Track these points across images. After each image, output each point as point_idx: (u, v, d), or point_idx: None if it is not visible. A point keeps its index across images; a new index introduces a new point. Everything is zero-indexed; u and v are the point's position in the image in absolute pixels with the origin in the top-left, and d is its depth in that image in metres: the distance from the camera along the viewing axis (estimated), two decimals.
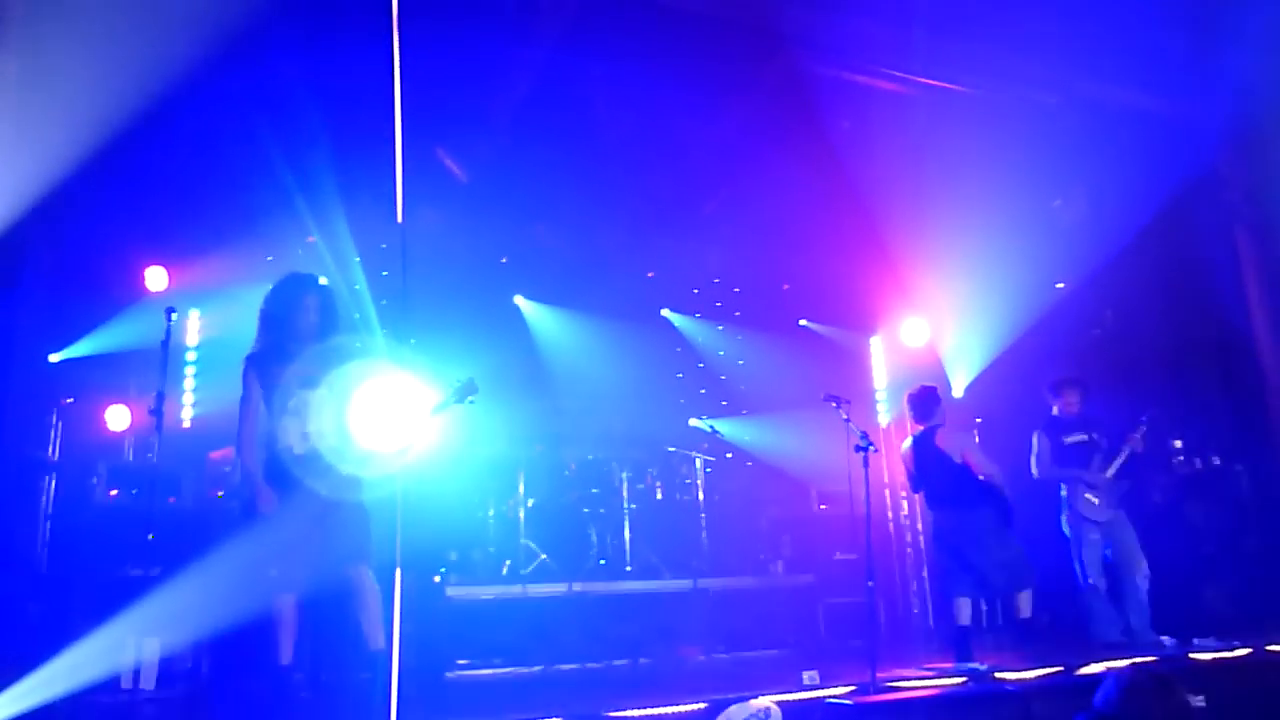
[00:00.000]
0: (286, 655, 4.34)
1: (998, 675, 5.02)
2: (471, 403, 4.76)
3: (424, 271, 8.03)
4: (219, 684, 5.62)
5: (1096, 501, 6.29)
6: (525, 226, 8.33)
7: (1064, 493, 6.44)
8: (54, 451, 6.53)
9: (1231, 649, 5.39)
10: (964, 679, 4.97)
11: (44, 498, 6.35)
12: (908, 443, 6.35)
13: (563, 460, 8.00)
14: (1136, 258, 7.29)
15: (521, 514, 7.44)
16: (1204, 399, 7.51)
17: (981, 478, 5.95)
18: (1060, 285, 7.82)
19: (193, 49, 5.09)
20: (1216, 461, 7.46)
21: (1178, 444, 7.54)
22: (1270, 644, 5.42)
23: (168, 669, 5.44)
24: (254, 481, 4.36)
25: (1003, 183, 7.18)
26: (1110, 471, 6.30)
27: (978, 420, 8.05)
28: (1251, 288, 7.11)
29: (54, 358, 6.64)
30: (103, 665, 4.70)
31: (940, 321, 8.57)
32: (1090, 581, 6.24)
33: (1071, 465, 6.39)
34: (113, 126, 4.96)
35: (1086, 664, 5.10)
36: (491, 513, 7.57)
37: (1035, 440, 6.51)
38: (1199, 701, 4.14)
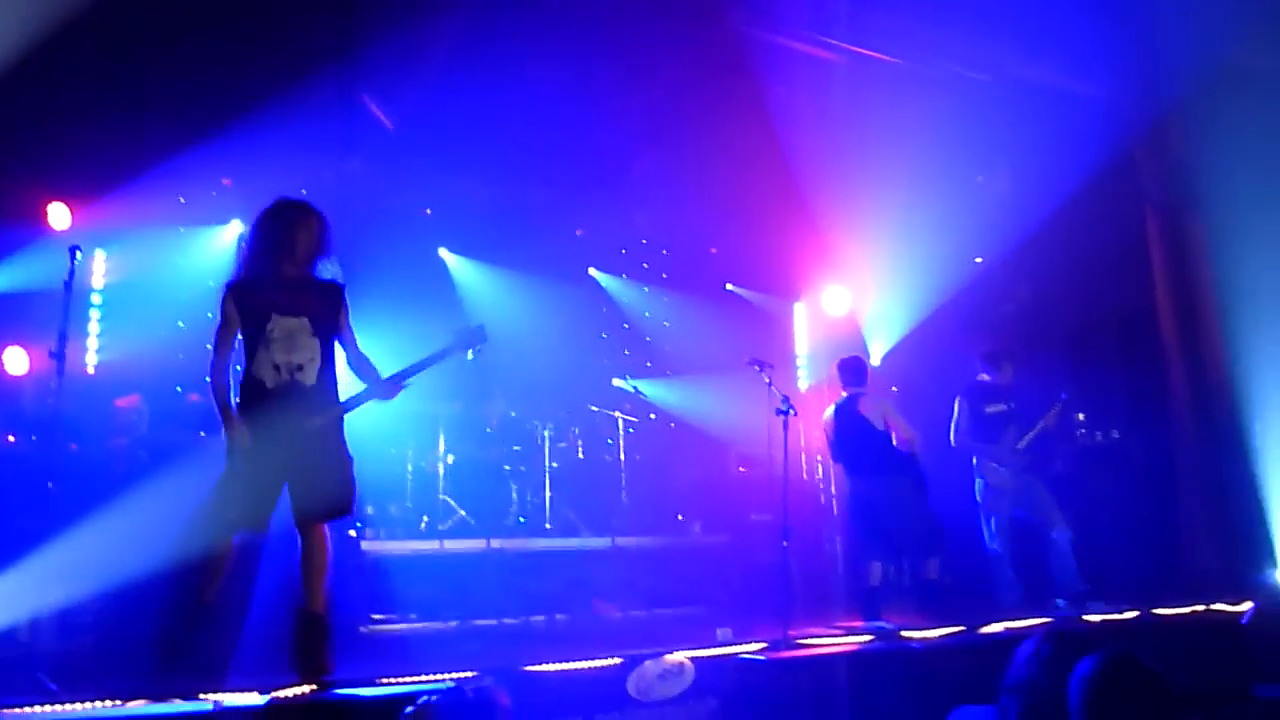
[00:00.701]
0: (210, 594, 4.15)
1: (904, 634, 5.20)
2: (478, 353, 4.43)
3: (347, 221, 7.83)
4: (126, 634, 5.47)
5: (1004, 471, 6.51)
6: (452, 179, 8.16)
7: (975, 461, 6.65)
8: None
9: (1120, 612, 5.68)
10: (872, 637, 5.14)
11: None
12: (830, 410, 6.47)
13: (484, 417, 7.94)
14: (1052, 236, 7.52)
15: (441, 469, 7.38)
16: (1107, 375, 7.83)
17: (899, 445, 6.12)
18: (979, 260, 8.02)
19: None
20: (1115, 435, 7.80)
21: (1081, 417, 7.86)
22: (1156, 607, 5.73)
23: (70, 620, 5.28)
24: (225, 415, 4.13)
25: (928, 156, 7.30)
26: (1023, 443, 6.52)
27: (894, 389, 8.25)
28: (1157, 269, 7.40)
29: None
30: None
31: (862, 290, 8.72)
32: (995, 547, 6.49)
33: (988, 434, 6.57)
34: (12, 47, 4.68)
35: (987, 624, 5.31)
36: (410, 468, 7.50)
37: (957, 405, 6.67)
38: None
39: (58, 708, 3.43)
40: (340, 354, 4.31)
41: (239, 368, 4.24)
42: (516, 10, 6.49)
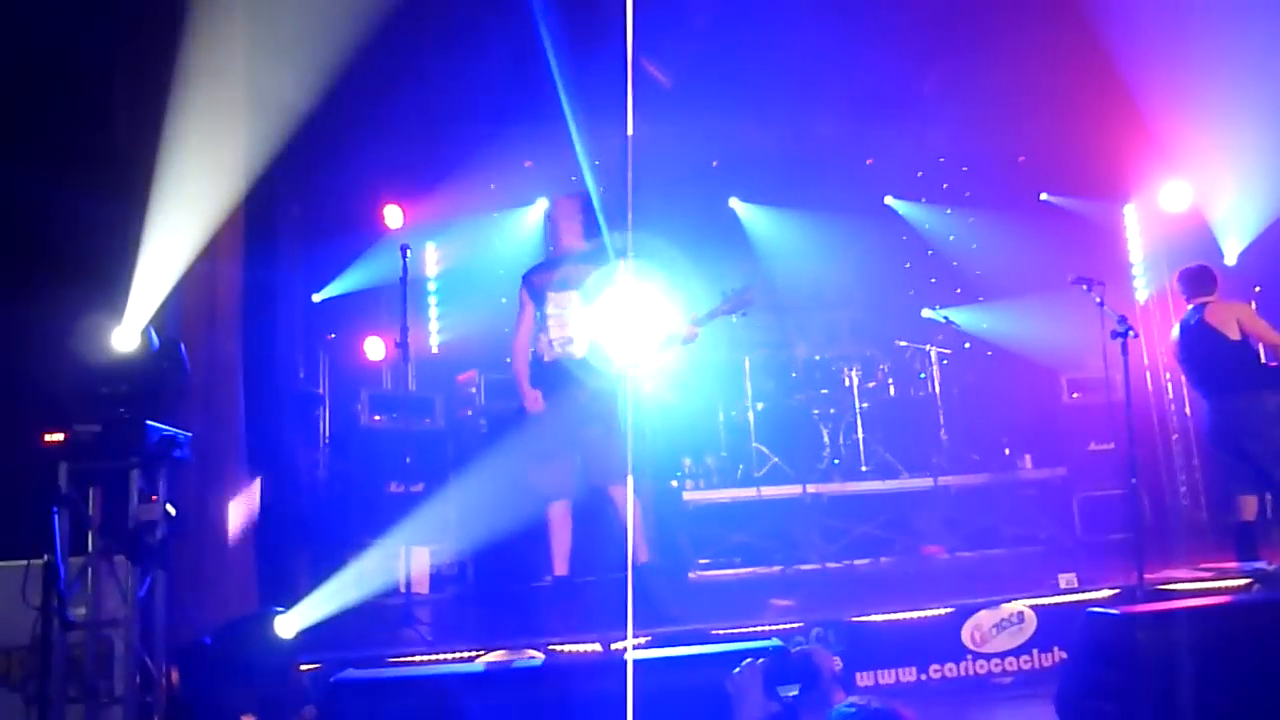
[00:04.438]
0: (561, 565, 4.56)
1: None
2: (744, 315, 4.59)
3: (637, 183, 8.05)
4: (487, 588, 6.12)
5: None
6: (733, 127, 8.10)
7: None
8: (324, 384, 7.22)
9: None
10: (1249, 580, 4.52)
11: (321, 426, 7.07)
12: (1176, 329, 5.70)
13: (789, 362, 7.90)
14: None
15: (751, 418, 7.46)
16: None
17: (1266, 358, 5.27)
18: None
19: None
20: None
21: None
22: None
23: (437, 575, 6.01)
24: (520, 387, 4.59)
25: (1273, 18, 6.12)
26: None
27: (1256, 289, 7.13)
28: None
29: (317, 298, 7.29)
30: (383, 573, 5.22)
31: (1205, 182, 7.56)
32: None
33: None
34: (339, 73, 5.24)
35: None
36: (721, 418, 7.64)
37: None
38: None
39: (435, 657, 3.89)
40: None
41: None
42: None
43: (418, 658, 3.89)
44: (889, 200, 9.01)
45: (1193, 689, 3.02)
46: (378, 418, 6.64)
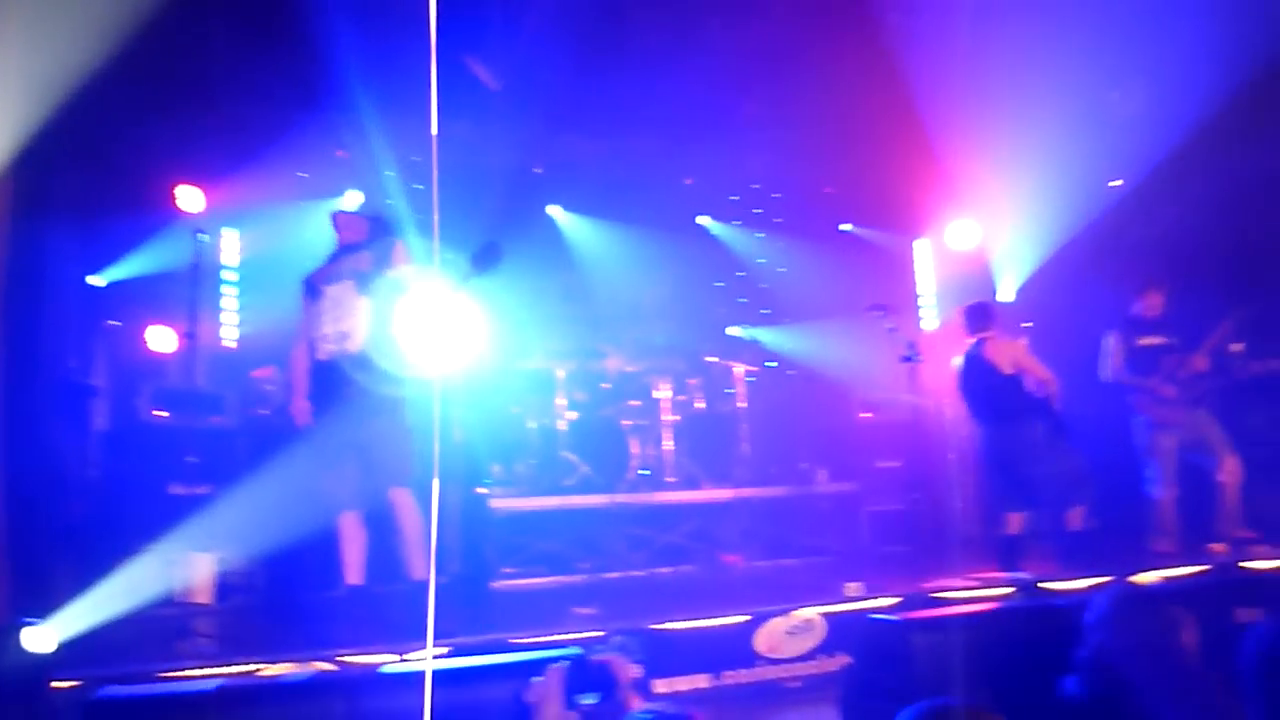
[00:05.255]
0: (354, 575, 4.35)
1: (1044, 585, 4.97)
2: (495, 269, 4.25)
3: (456, 184, 7.91)
4: (276, 598, 5.77)
5: (1166, 406, 6.03)
6: (558, 135, 8.10)
7: (1133, 400, 6.19)
8: (100, 375, 6.61)
9: None
10: (1011, 589, 4.93)
11: (93, 420, 6.45)
12: (958, 359, 6.16)
13: (600, 373, 7.96)
14: (1200, 152, 6.89)
15: (562, 426, 7.45)
16: (1265, 302, 7.18)
17: (1033, 389, 5.79)
18: (1118, 182, 7.45)
19: None
20: (1276, 365, 7.19)
21: (1238, 347, 7.26)
22: None
23: (222, 583, 5.60)
24: (294, 395, 4.36)
25: (1057, 71, 6.78)
26: (1184, 375, 6.01)
27: (1028, 325, 7.83)
28: None
29: (96, 280, 6.67)
30: (159, 581, 4.82)
31: (989, 222, 8.26)
32: (1158, 492, 6.02)
33: (1142, 369, 6.12)
34: (135, 33, 4.82)
35: (1138, 572, 5.02)
36: (533, 426, 7.60)
37: (1109, 340, 6.23)
38: (1254, 616, 4.04)
39: (214, 671, 3.61)
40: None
41: None
42: None
43: (194, 672, 3.60)
44: (704, 220, 9.27)
45: (960, 688, 3.24)
46: (161, 413, 6.15)
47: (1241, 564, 5.28)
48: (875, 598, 4.71)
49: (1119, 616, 2.32)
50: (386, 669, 3.66)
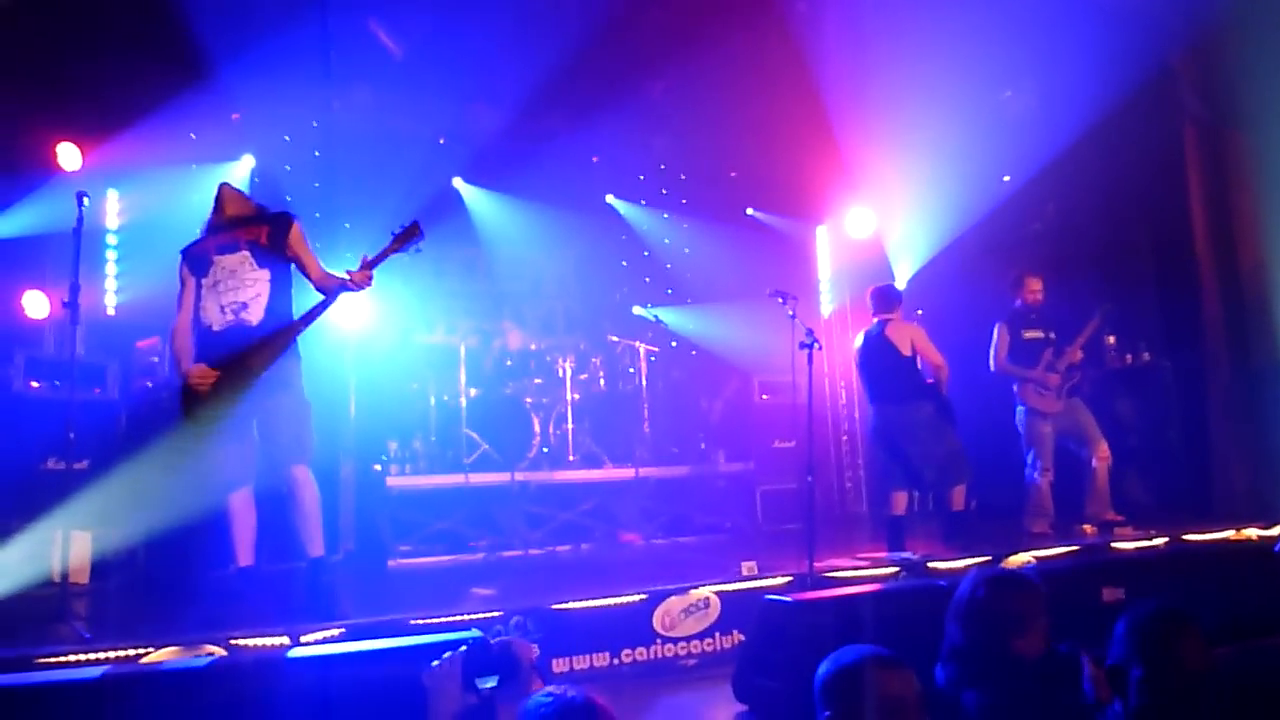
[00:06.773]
0: (245, 555, 4.23)
1: (929, 565, 5.19)
2: (418, 251, 4.20)
3: (358, 151, 7.69)
4: (162, 578, 5.56)
5: (1047, 396, 6.35)
6: (464, 106, 7.96)
7: (1016, 389, 6.49)
8: None
9: (1150, 539, 5.63)
10: (897, 569, 5.13)
11: None
12: (859, 337, 6.36)
13: (503, 350, 7.89)
14: (1083, 154, 7.24)
15: (463, 403, 7.38)
16: (1138, 296, 7.62)
17: (925, 373, 6.03)
18: (1007, 179, 7.77)
19: None
20: (1146, 357, 7.64)
21: (1111, 340, 7.69)
22: (1186, 534, 5.68)
23: (102, 562, 5.37)
24: (179, 366, 4.19)
25: (954, 70, 7.01)
26: (1062, 366, 6.34)
27: (919, 312, 8.11)
28: (1194, 188, 7.10)
29: None
30: (35, 562, 4.60)
31: (886, 212, 8.51)
32: (1037, 476, 6.35)
33: (1025, 360, 6.42)
34: None
35: (1013, 553, 5.29)
36: (433, 402, 7.50)
37: (996, 332, 6.50)
38: (1118, 595, 4.33)
39: (94, 656, 3.48)
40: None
41: None
42: None
43: (71, 657, 3.46)
44: (611, 199, 9.27)
45: None
46: (35, 384, 5.83)
47: (1111, 545, 5.61)
48: (769, 576, 4.84)
49: (965, 613, 2.44)
50: (280, 652, 3.58)
